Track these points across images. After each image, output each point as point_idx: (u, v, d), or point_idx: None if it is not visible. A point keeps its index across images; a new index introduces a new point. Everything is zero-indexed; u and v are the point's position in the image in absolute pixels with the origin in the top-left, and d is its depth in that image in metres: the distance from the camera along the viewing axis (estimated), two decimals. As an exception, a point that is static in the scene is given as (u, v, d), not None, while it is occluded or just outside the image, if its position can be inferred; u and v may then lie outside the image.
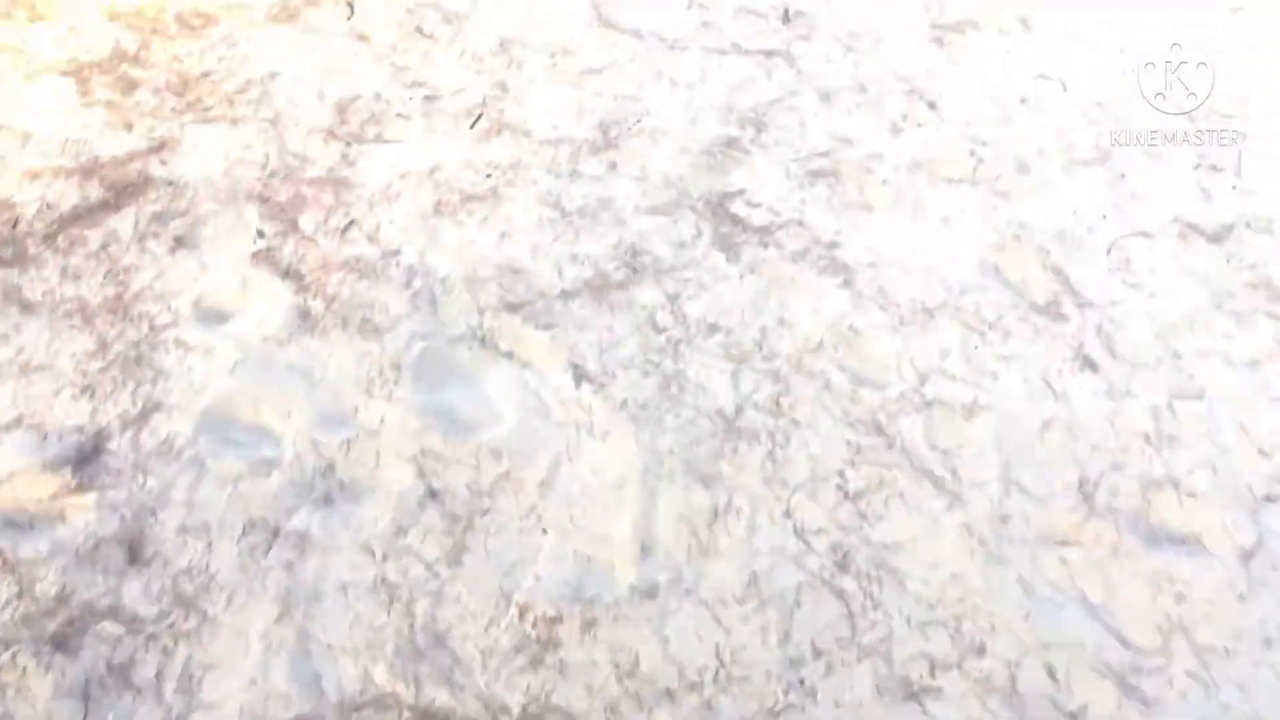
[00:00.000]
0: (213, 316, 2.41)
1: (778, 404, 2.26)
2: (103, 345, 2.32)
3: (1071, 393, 2.28)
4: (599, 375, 2.31)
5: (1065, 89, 3.01)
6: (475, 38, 3.15)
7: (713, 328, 2.42)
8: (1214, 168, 2.76)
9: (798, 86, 3.04)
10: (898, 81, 3.05)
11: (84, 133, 2.78)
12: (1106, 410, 2.24)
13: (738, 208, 2.69)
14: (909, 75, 3.07)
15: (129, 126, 2.82)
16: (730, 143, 2.86)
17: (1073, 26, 3.22)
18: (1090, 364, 2.32)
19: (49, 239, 2.54)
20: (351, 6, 3.24)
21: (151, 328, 2.36)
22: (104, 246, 2.52)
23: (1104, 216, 2.64)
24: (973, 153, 2.82)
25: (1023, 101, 2.97)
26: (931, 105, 2.97)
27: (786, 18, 3.26)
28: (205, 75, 2.98)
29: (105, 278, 2.46)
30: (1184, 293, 2.47)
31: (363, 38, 3.14)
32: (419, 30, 3.17)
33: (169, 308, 2.40)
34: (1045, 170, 2.78)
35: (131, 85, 2.93)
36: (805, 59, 3.12)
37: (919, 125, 2.91)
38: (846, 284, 2.51)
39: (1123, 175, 2.75)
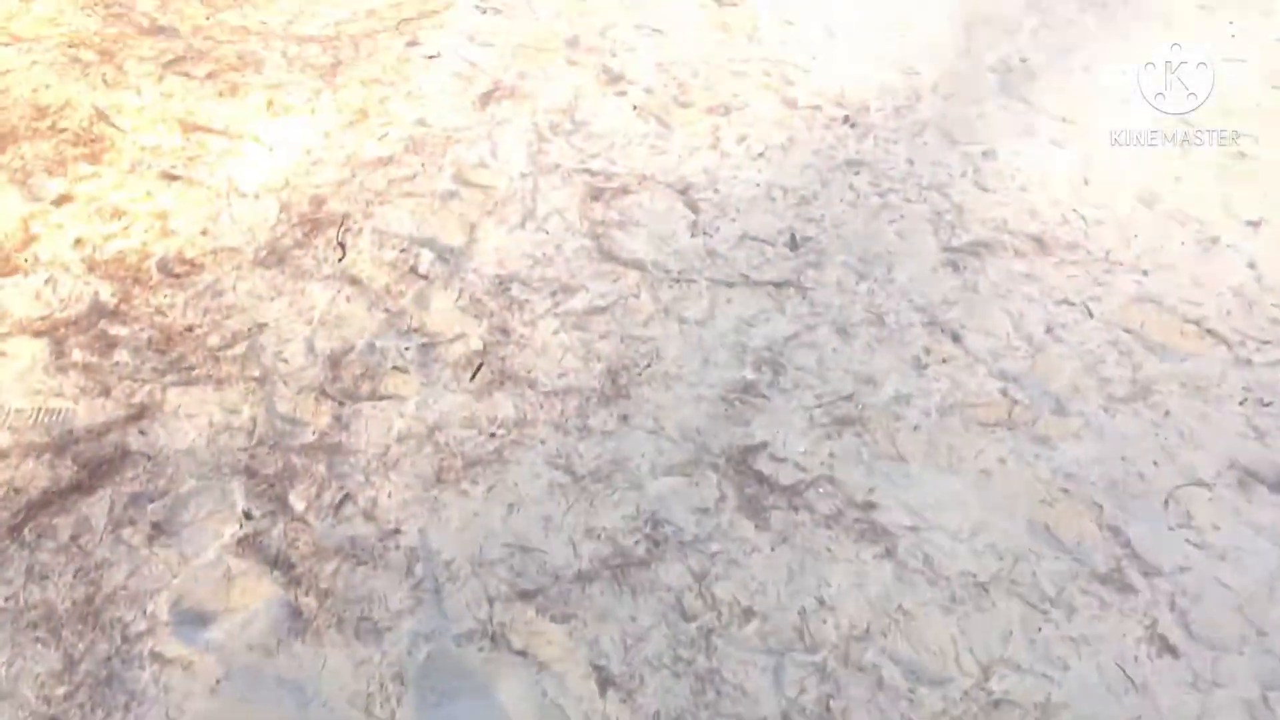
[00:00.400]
0: (193, 620, 2.17)
1: (828, 708, 2.02)
2: (70, 663, 2.07)
3: (1152, 684, 2.05)
4: (625, 679, 2.07)
5: (1091, 315, 2.88)
6: (472, 277, 3.02)
7: (747, 613, 2.20)
8: (1261, 402, 2.61)
9: (812, 320, 2.90)
10: (916, 312, 2.92)
11: (57, 401, 2.60)
12: (1196, 708, 2.00)
13: (762, 464, 2.51)
14: (926, 304, 2.94)
15: (106, 391, 2.63)
16: (747, 387, 2.70)
17: (1081, 249, 3.13)
18: (1169, 647, 2.10)
19: (14, 531, 2.32)
20: (343, 247, 3.11)
21: (125, 638, 2.12)
22: (75, 538, 2.30)
23: (1155, 463, 2.47)
24: (1005, 392, 2.66)
25: (1048, 331, 2.84)
26: (955, 338, 2.83)
27: (794, 244, 3.16)
28: (189, 330, 2.82)
29: (75, 577, 2.23)
30: (1257, 554, 2.27)
31: (354, 281, 3.00)
32: (413, 270, 3.04)
33: (145, 612, 2.17)
34: (1084, 409, 2.62)
35: (110, 344, 2.76)
36: (818, 289, 3.00)
37: (944, 361, 2.76)
38: (888, 554, 2.30)
39: (1167, 413, 2.59)
